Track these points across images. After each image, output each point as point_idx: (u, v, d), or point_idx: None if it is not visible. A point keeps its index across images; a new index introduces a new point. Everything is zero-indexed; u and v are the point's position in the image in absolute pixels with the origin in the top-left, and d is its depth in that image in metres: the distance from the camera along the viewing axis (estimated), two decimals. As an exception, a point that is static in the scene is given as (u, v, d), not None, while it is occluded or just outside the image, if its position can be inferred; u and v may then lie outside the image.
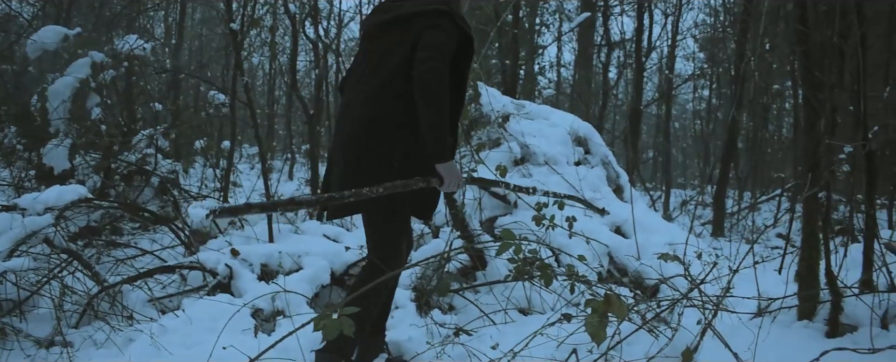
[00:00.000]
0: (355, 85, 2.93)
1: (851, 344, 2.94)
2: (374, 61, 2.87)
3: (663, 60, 16.42)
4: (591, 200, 5.38)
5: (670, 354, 2.46)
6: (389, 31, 2.86)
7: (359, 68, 2.98)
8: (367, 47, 2.98)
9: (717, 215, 11.23)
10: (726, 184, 11.81)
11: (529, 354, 2.70)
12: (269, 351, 2.48)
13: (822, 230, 3.83)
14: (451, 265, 4.62)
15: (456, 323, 3.92)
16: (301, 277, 4.39)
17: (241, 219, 5.42)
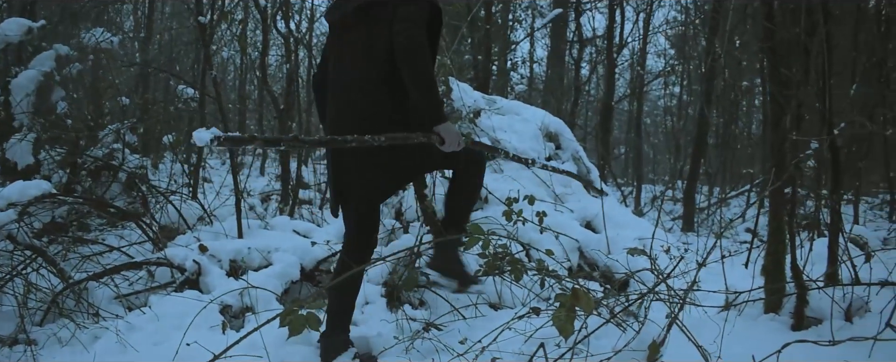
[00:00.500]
0: (341, 78, 2.97)
1: (816, 337, 2.98)
2: (359, 50, 2.91)
3: (635, 57, 16.55)
4: (561, 196, 5.40)
5: (637, 348, 2.48)
6: (366, 17, 2.90)
7: (341, 61, 3.00)
8: (345, 37, 2.99)
9: (687, 210, 11.34)
10: (696, 179, 11.93)
11: (498, 348, 2.71)
12: (234, 347, 2.46)
13: (788, 225, 3.88)
14: (421, 260, 4.61)
15: (426, 318, 3.91)
16: (270, 273, 4.36)
17: (210, 215, 5.37)
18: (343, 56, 3.01)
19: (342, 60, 3.01)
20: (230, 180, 5.68)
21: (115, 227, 5.89)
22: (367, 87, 2.89)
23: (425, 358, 2.83)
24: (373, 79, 2.89)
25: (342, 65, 3.00)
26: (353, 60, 2.94)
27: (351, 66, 2.94)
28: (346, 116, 2.94)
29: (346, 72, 2.96)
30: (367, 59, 2.89)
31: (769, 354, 2.17)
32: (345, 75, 2.96)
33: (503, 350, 2.69)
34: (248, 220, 5.17)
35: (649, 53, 16.71)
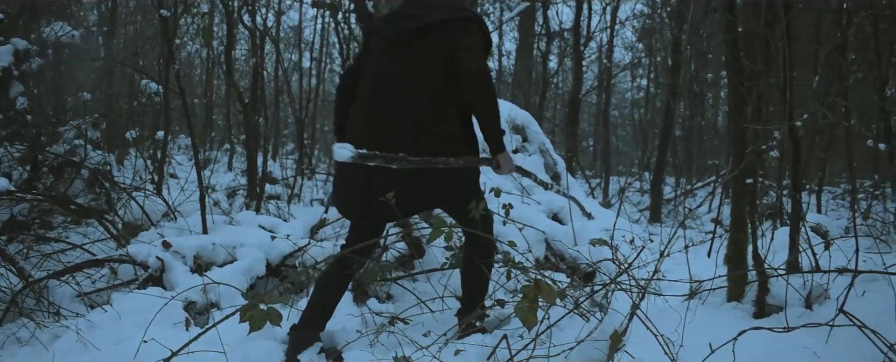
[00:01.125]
0: (386, 93, 3.00)
1: (776, 324, 3.02)
2: (413, 70, 2.97)
3: (602, 50, 16.64)
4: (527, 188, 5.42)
5: (600, 337, 2.49)
6: (422, 39, 2.96)
7: (386, 77, 3.03)
8: (398, 54, 3.02)
9: (653, 201, 11.45)
10: (663, 171, 12.04)
11: (462, 341, 2.71)
12: (195, 343, 2.44)
13: (750, 214, 3.93)
14: (388, 254, 4.60)
15: (393, 311, 3.91)
16: (235, 269, 4.32)
17: (174, 211, 5.31)
18: (390, 72, 3.03)
19: (388, 76, 3.03)
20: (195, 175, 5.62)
21: (79, 225, 5.80)
22: (418, 107, 2.94)
23: (390, 351, 2.82)
24: (424, 99, 2.95)
25: (387, 81, 3.03)
26: (403, 79, 2.98)
27: (398, 83, 2.98)
28: (395, 131, 2.96)
29: (394, 89, 2.99)
30: (420, 80, 2.95)
31: (725, 341, 2.19)
32: (392, 91, 2.99)
33: (467, 342, 2.69)
34: (212, 216, 5.12)
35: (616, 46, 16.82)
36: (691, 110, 17.20)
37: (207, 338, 2.71)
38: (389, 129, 2.97)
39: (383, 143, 2.86)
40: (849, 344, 2.63)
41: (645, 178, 15.57)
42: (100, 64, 9.28)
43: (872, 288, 3.96)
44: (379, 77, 3.06)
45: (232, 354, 2.91)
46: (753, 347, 2.80)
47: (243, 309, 2.20)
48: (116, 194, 5.87)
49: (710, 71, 16.05)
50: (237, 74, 15.54)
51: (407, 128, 2.95)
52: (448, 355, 2.62)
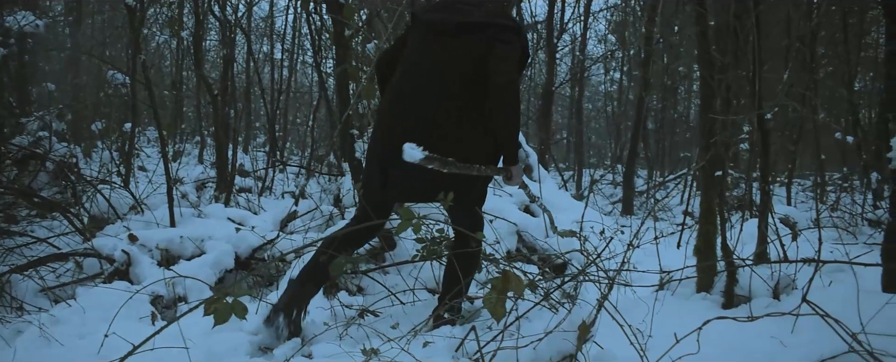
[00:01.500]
0: (421, 79, 3.02)
1: (744, 314, 3.04)
2: (445, 62, 2.98)
3: (576, 43, 16.67)
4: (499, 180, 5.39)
5: (568, 329, 2.49)
6: (462, 35, 2.96)
7: (423, 60, 3.04)
8: (435, 43, 3.03)
9: (626, 194, 11.52)
10: (635, 163, 12.12)
11: (430, 332, 2.69)
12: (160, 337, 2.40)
13: (719, 205, 3.95)
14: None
15: (363, 304, 3.88)
16: (203, 262, 4.27)
17: (141, 204, 5.23)
18: (424, 60, 3.05)
19: (420, 64, 3.05)
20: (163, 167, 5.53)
21: (44, 219, 5.70)
22: (440, 101, 2.97)
23: (358, 344, 2.80)
24: (448, 95, 2.97)
25: (419, 68, 3.05)
26: (433, 71, 3.01)
27: (429, 74, 3.01)
28: (419, 122, 2.98)
29: (424, 77, 3.02)
30: (447, 76, 2.97)
31: (689, 331, 2.20)
32: (421, 80, 3.02)
33: (436, 334, 2.68)
34: (180, 209, 5.05)
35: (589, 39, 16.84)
36: (663, 103, 17.31)
37: (173, 333, 2.67)
38: (410, 118, 3.01)
39: (400, 131, 2.96)
40: (815, 334, 2.65)
41: (618, 171, 15.65)
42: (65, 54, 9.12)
43: (839, 278, 4.01)
44: (412, 65, 3.09)
45: (196, 349, 2.87)
46: (721, 337, 2.81)
47: (207, 303, 2.16)
48: (82, 187, 5.77)
49: (682, 64, 16.15)
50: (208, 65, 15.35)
51: (424, 119, 2.97)
52: (416, 347, 2.60)
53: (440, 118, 2.96)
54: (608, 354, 2.56)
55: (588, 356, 2.52)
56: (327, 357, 2.79)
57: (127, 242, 4.27)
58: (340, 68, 4.26)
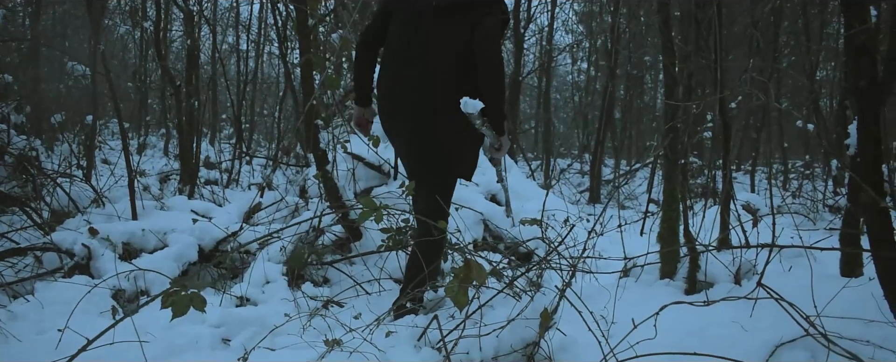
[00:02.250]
0: (413, 59, 3.13)
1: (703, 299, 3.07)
2: (436, 42, 3.09)
3: (543, 32, 16.71)
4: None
5: (531, 316, 2.50)
6: (451, 15, 3.07)
7: (409, 46, 3.14)
8: (423, 24, 3.12)
9: (592, 183, 11.59)
10: (602, 152, 12.19)
11: (393, 322, 2.69)
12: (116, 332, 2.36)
13: (681, 192, 3.99)
14: (325, 237, 4.54)
15: (329, 295, 3.86)
16: (166, 255, 4.21)
17: (103, 197, 5.15)
18: (413, 42, 3.14)
19: (410, 46, 3.14)
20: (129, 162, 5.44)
21: (3, 213, 5.58)
22: (437, 86, 3.09)
23: (321, 335, 2.78)
24: (444, 74, 3.08)
25: (410, 51, 3.14)
26: (426, 51, 3.10)
27: (421, 54, 3.11)
28: (418, 106, 3.13)
29: (419, 58, 3.12)
30: (441, 55, 3.08)
31: (647, 317, 2.22)
32: (416, 62, 3.12)
33: (399, 324, 2.67)
34: (142, 201, 4.97)
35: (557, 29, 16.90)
36: (630, 93, 17.44)
37: (133, 326, 2.63)
38: (414, 95, 3.13)
39: (405, 107, 3.15)
40: (774, 319, 2.69)
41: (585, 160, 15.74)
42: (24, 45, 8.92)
43: (799, 264, 4.07)
44: (404, 45, 3.16)
45: (157, 342, 2.83)
46: (683, 322, 2.84)
47: (165, 295, 2.13)
48: (43, 181, 5.66)
49: (648, 54, 16.27)
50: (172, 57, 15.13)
51: (427, 96, 3.11)
52: (379, 337, 2.59)
53: (440, 94, 3.08)
54: (570, 341, 2.57)
55: (551, 343, 2.54)
56: (289, 348, 2.78)
57: (87, 236, 4.20)
58: (304, 58, 4.21)
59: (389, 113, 3.25)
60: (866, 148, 1.96)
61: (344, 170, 4.88)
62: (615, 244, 4.49)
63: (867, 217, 1.96)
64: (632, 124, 18.66)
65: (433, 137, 3.14)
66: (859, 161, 1.99)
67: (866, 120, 1.95)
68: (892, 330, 2.15)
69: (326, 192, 4.42)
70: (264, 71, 18.19)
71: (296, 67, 9.71)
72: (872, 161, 1.96)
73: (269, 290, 3.87)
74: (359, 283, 3.96)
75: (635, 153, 18.00)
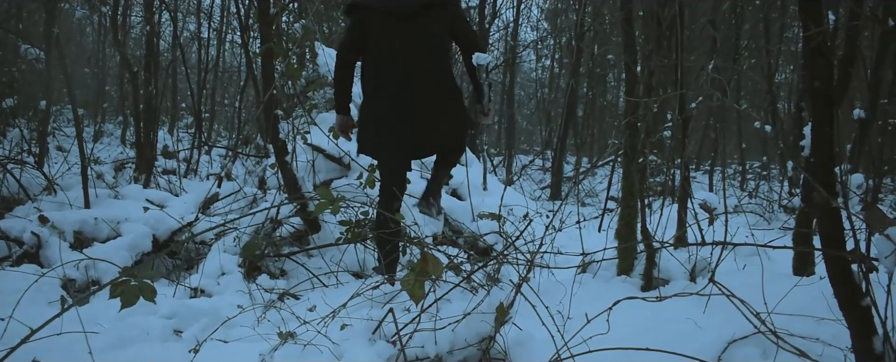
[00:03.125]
0: (414, 57, 3.53)
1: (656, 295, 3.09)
2: (425, 40, 3.54)
3: (508, 28, 16.73)
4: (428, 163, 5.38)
5: (488, 310, 2.49)
6: (428, 14, 3.51)
7: (400, 50, 3.51)
8: (408, 27, 3.51)
9: (554, 179, 11.65)
10: (564, 150, 12.26)
11: (348, 315, 2.66)
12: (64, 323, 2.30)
13: (639, 189, 4.02)
14: (283, 229, 4.49)
15: (285, 287, 3.82)
16: (119, 245, 4.14)
17: (54, 184, 5.02)
18: (402, 45, 3.51)
19: (401, 49, 3.51)
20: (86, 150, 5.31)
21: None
22: (440, 74, 3.59)
23: (275, 327, 2.75)
24: (441, 68, 3.60)
25: (402, 54, 3.52)
26: (418, 51, 3.53)
27: (415, 54, 3.53)
28: (432, 95, 3.58)
29: (416, 54, 3.53)
30: (431, 51, 3.55)
31: (600, 312, 2.22)
32: (415, 56, 3.53)
33: (353, 316, 2.64)
34: (95, 189, 4.86)
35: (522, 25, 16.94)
36: (592, 91, 17.56)
37: (85, 317, 2.57)
38: (425, 86, 3.55)
39: (422, 98, 3.54)
40: (727, 315, 2.72)
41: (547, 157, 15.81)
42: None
43: (753, 262, 4.13)
44: (397, 47, 3.51)
45: (107, 334, 2.77)
46: (638, 318, 2.86)
47: (114, 285, 2.08)
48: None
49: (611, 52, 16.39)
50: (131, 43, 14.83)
51: (436, 84, 3.57)
52: (334, 330, 2.56)
53: (447, 79, 3.61)
54: (526, 335, 2.57)
55: (506, 337, 2.53)
56: (242, 340, 2.74)
57: (37, 224, 4.10)
58: (265, 46, 4.15)
59: (399, 108, 3.56)
60: (820, 148, 1.98)
61: (304, 162, 4.82)
62: (573, 240, 4.51)
63: (819, 216, 1.98)
64: (594, 122, 18.81)
65: (455, 113, 3.66)
66: (813, 161, 2.01)
67: (820, 121, 1.97)
68: (841, 329, 2.17)
69: (285, 183, 4.37)
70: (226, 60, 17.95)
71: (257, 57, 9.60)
72: (825, 161, 1.98)
73: (225, 282, 3.82)
74: (316, 275, 3.92)
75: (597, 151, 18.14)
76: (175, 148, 9.05)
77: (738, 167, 14.76)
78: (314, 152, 5.11)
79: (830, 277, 1.98)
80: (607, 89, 20.17)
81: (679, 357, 2.20)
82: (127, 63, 7.13)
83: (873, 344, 1.93)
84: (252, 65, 8.90)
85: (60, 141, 9.88)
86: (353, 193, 4.44)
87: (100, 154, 8.35)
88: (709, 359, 2.42)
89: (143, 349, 2.74)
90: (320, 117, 5.56)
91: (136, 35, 16.33)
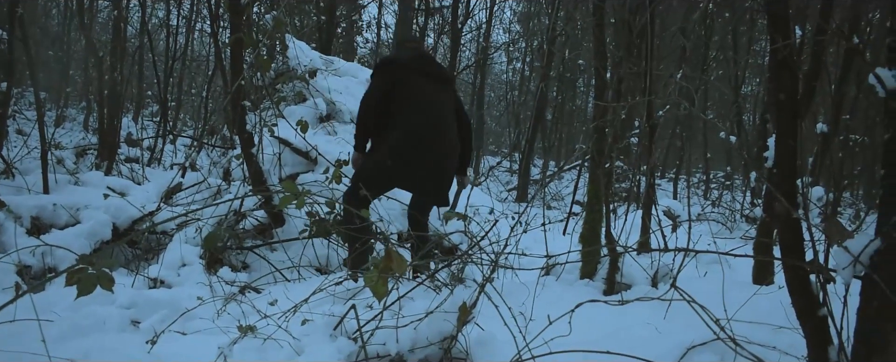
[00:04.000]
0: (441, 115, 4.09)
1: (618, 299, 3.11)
2: (445, 100, 4.16)
3: (480, 29, 16.76)
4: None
5: (451, 309, 2.48)
6: (449, 85, 4.25)
7: (433, 99, 4.07)
8: (439, 90, 4.14)
9: (521, 181, 11.69)
10: (532, 152, 12.31)
11: (310, 310, 2.63)
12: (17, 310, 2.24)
13: (605, 195, 4.04)
14: (246, 222, 4.44)
15: (246, 281, 3.78)
16: (78, 232, 4.05)
17: (12, 168, 4.92)
18: (438, 101, 4.10)
19: (435, 104, 4.07)
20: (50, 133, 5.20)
21: None
22: (452, 135, 4.14)
23: (235, 321, 2.71)
24: (454, 130, 4.17)
25: (437, 106, 4.08)
26: (446, 113, 4.13)
27: (445, 109, 4.13)
28: (449, 150, 4.13)
29: (443, 112, 4.11)
30: (450, 114, 4.16)
31: (562, 314, 2.23)
32: (443, 115, 4.10)
33: (314, 312, 2.62)
34: (55, 175, 4.76)
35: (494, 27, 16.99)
36: (562, 95, 17.67)
37: (38, 305, 2.51)
38: (448, 140, 4.09)
39: (444, 149, 4.06)
40: (687, 321, 2.74)
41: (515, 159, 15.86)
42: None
43: (714, 269, 4.18)
44: (426, 104, 4.03)
45: (62, 322, 2.72)
46: (600, 322, 2.87)
47: (70, 272, 2.03)
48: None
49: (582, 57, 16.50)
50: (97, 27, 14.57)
51: (451, 145, 4.12)
52: (295, 325, 2.54)
53: (454, 146, 4.15)
54: (488, 336, 2.57)
55: (468, 337, 2.53)
56: (201, 332, 2.70)
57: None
58: (235, 36, 4.10)
59: (420, 154, 3.98)
60: (783, 159, 2.01)
61: (270, 154, 4.77)
62: (538, 242, 4.53)
63: (780, 226, 2.00)
64: (562, 126, 18.92)
65: (452, 175, 4.21)
66: (776, 172, 2.03)
67: (784, 132, 2.00)
68: (797, 338, 2.21)
69: (250, 175, 4.32)
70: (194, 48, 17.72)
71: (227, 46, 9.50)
72: (788, 173, 2.01)
73: (185, 273, 3.77)
74: (278, 270, 3.88)
75: (564, 155, 18.26)
76: (139, 136, 8.91)
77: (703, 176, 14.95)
78: (281, 145, 5.06)
79: (789, 287, 2.01)
80: (577, 94, 20.31)
81: (639, 361, 2.22)
82: (92, 47, 7.01)
83: (829, 354, 1.96)
84: (221, 54, 8.81)
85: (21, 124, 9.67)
86: (318, 187, 4.40)
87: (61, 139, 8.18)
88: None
89: (99, 339, 2.68)
90: (288, 110, 5.51)
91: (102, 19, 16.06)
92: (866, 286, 1.80)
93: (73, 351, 2.53)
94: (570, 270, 4.19)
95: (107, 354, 2.48)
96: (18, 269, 3.62)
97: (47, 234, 4.04)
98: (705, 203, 10.91)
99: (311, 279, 3.86)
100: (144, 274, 3.74)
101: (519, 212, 7.90)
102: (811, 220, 2.14)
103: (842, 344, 1.98)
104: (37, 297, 3.00)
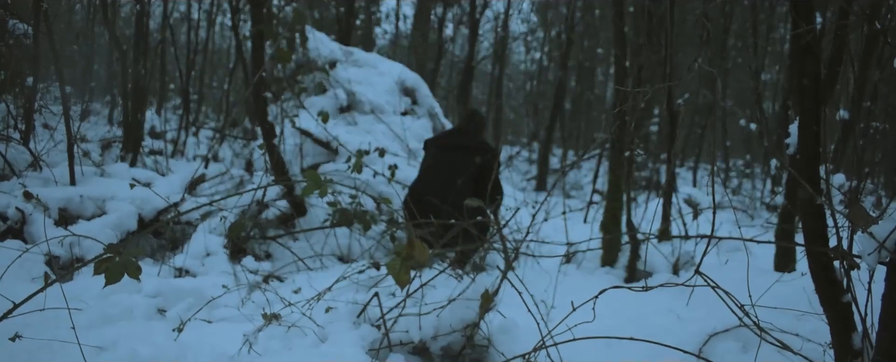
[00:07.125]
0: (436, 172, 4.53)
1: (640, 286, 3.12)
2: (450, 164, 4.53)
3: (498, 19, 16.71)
4: (416, 150, 5.39)
5: (473, 297, 2.50)
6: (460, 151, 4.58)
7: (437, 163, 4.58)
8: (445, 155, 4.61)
9: (540, 171, 11.68)
10: (551, 142, 12.29)
11: (333, 298, 2.67)
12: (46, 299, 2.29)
13: (625, 183, 4.05)
14: (269, 212, 4.48)
15: (270, 270, 3.82)
16: (104, 223, 4.11)
17: (40, 161, 4.98)
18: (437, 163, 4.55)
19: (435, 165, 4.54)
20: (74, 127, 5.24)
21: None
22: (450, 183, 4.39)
23: (260, 309, 2.75)
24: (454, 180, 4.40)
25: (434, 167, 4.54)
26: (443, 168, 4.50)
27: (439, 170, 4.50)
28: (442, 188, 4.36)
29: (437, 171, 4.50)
30: (454, 172, 4.46)
31: (585, 300, 2.24)
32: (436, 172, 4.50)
33: (338, 299, 2.65)
34: (81, 167, 4.82)
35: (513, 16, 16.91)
36: (581, 85, 17.59)
37: (68, 294, 2.56)
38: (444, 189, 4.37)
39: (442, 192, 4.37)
40: (709, 309, 2.75)
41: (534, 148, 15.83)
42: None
43: (735, 257, 4.17)
44: (430, 166, 4.56)
45: (90, 310, 2.77)
46: (622, 310, 2.89)
47: (98, 261, 2.07)
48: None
49: (601, 46, 16.41)
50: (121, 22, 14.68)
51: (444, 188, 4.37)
52: (319, 313, 2.57)
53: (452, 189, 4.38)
54: (510, 323, 2.59)
55: (490, 324, 2.55)
56: (226, 320, 2.74)
57: (22, 200, 4.07)
58: (255, 29, 4.13)
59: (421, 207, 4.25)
60: (806, 145, 2.00)
61: (291, 145, 4.81)
62: (559, 231, 4.54)
63: (803, 213, 2.00)
64: (581, 115, 18.84)
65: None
66: (798, 158, 2.03)
67: (807, 119, 1.99)
68: (821, 324, 2.20)
69: (272, 165, 4.36)
70: (216, 42, 17.82)
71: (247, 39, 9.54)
72: (811, 159, 2.00)
73: (209, 263, 3.82)
74: (301, 259, 3.92)
75: (583, 144, 18.18)
76: (163, 128, 8.99)
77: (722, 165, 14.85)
78: (302, 136, 5.10)
79: (812, 273, 2.01)
80: (596, 83, 20.20)
81: (662, 347, 2.23)
82: (116, 42, 7.06)
83: (852, 340, 1.96)
84: (241, 47, 8.86)
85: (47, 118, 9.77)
86: (340, 177, 4.44)
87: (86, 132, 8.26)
88: (691, 351, 2.45)
89: (126, 327, 2.74)
90: (309, 101, 5.55)
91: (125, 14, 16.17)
92: (891, 272, 1.79)
93: (101, 338, 2.58)
94: (590, 258, 4.20)
95: (134, 341, 2.53)
96: (47, 259, 3.67)
97: (75, 225, 4.09)
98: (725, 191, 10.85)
99: (334, 267, 3.90)
100: (170, 263, 3.79)
101: (538, 200, 7.90)
102: (834, 207, 2.13)
103: (866, 330, 1.97)
104: (66, 286, 3.05)
